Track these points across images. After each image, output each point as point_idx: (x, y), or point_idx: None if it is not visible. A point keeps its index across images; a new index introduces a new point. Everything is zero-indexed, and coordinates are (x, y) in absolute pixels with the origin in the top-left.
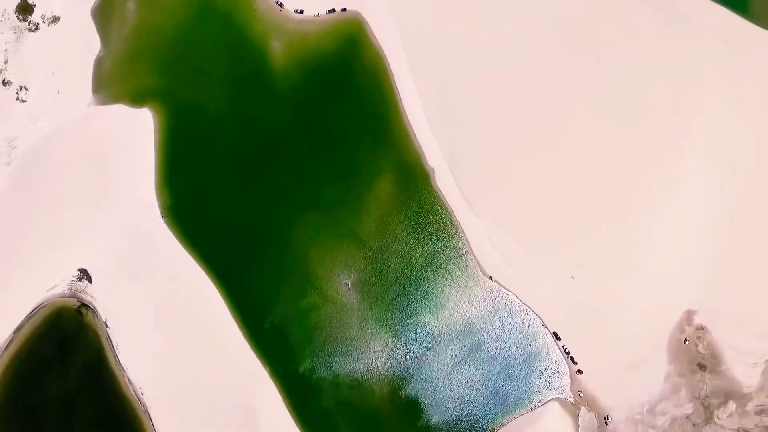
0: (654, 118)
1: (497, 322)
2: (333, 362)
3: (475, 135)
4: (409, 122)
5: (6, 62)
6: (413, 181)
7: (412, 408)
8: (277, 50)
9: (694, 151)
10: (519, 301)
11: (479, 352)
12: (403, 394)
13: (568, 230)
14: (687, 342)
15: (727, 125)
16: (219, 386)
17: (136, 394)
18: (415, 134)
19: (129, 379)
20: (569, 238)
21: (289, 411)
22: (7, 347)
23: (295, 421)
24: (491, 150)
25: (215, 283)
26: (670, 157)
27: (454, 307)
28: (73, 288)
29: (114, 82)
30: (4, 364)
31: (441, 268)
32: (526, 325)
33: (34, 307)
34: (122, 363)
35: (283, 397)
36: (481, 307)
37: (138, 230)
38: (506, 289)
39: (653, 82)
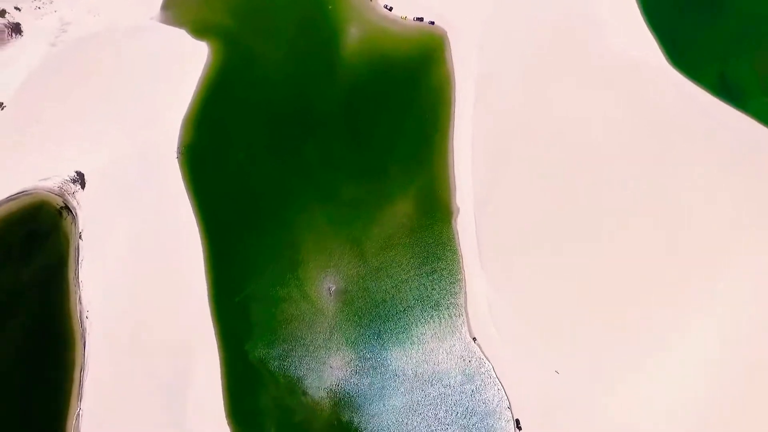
0: (695, 246)
1: (464, 387)
2: (285, 361)
3: (512, 195)
4: (453, 155)
5: None
6: (435, 213)
7: None
8: (352, 36)
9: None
10: (494, 374)
11: (435, 408)
12: (341, 419)
13: (569, 327)
14: None
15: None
16: (164, 338)
17: (80, 316)
18: (454, 168)
19: (80, 298)
20: (568, 335)
21: (222, 390)
22: None
23: (224, 403)
24: (523, 217)
25: (202, 238)
26: (695, 289)
27: (428, 353)
28: (64, 188)
29: (186, 6)
30: None
31: (430, 308)
32: (492, 402)
33: (20, 190)
34: (80, 279)
35: (222, 374)
36: (454, 365)
37: (149, 156)
38: (486, 357)
39: (709, 206)
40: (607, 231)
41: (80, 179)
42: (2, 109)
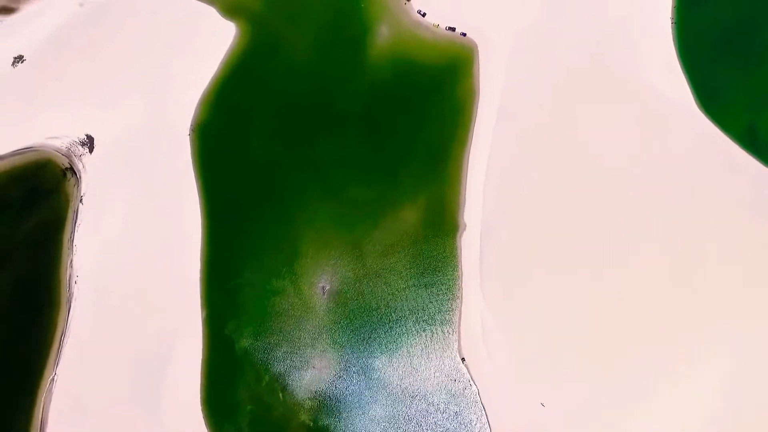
0: (703, 295)
1: (448, 407)
2: (269, 355)
3: (521, 220)
4: (467, 170)
5: None
6: (441, 226)
7: None
8: (382, 36)
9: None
10: (479, 398)
11: (415, 425)
12: (317, 422)
13: (561, 361)
14: None
15: None
16: (150, 315)
17: (69, 280)
18: (466, 183)
19: (71, 262)
20: (559, 369)
21: (201, 375)
22: None
23: (200, 388)
24: (530, 244)
25: (203, 219)
26: (695, 338)
27: (415, 367)
28: (72, 149)
29: None
30: None
31: (424, 321)
32: (474, 426)
33: (28, 145)
34: (74, 243)
35: (203, 359)
36: (440, 383)
37: (162, 129)
38: (472, 379)
39: (723, 257)
40: (615, 270)
41: (89, 143)
42: (22, 62)
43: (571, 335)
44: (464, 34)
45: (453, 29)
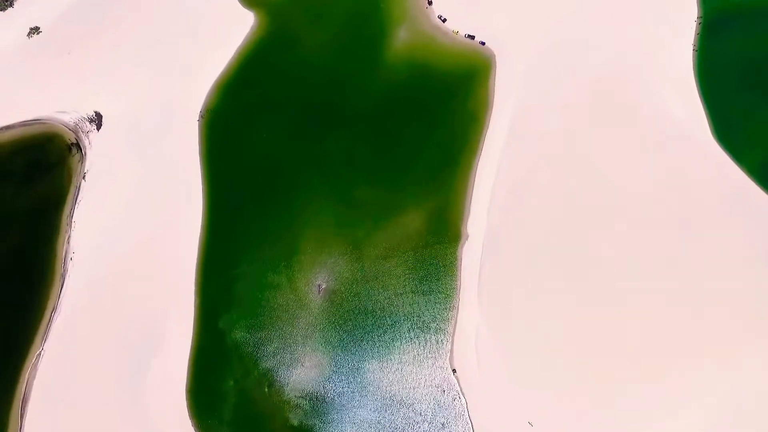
0: (702, 330)
1: (435, 418)
2: (258, 349)
3: (525, 237)
4: (474, 180)
5: None
6: (443, 234)
7: None
8: (400, 38)
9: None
10: (466, 410)
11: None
12: (300, 421)
13: (552, 382)
14: None
15: None
16: (143, 298)
17: (65, 256)
18: (472, 194)
19: (69, 238)
20: (549, 390)
21: (188, 363)
22: None
23: (187, 376)
24: (531, 261)
25: (204, 206)
26: (691, 373)
27: (406, 374)
28: (80, 125)
29: None
30: None
31: (418, 329)
32: None
33: (36, 117)
34: (74, 219)
35: (192, 347)
36: (429, 392)
37: (171, 112)
38: (461, 392)
39: (728, 294)
40: (616, 295)
41: (97, 120)
42: (38, 33)
43: (565, 358)
44: (483, 43)
45: (472, 37)
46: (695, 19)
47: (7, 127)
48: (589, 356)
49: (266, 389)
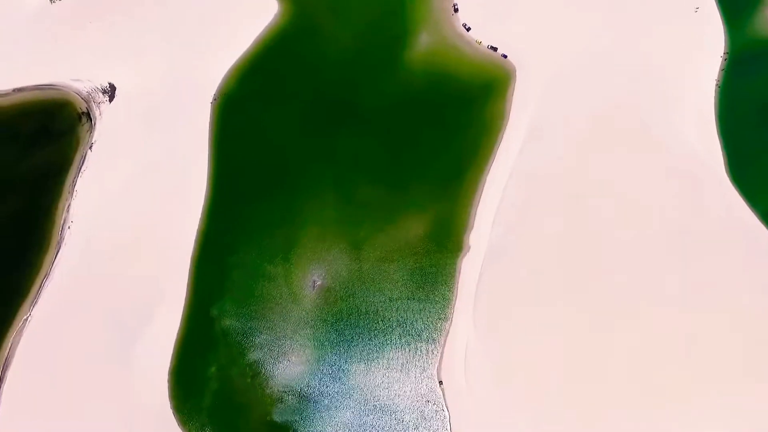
0: (702, 368)
1: (417, 428)
2: (246, 339)
3: (527, 256)
4: (482, 193)
5: None
6: (445, 243)
7: None
8: (421, 43)
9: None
10: (449, 425)
11: None
12: (281, 416)
13: (540, 405)
14: None
15: None
16: (136, 275)
17: (63, 224)
18: (478, 207)
19: (68, 207)
20: (537, 413)
21: (174, 345)
22: None
23: (171, 358)
24: (531, 281)
25: (208, 189)
26: (686, 411)
27: (392, 380)
28: (92, 94)
29: None
30: None
31: (409, 336)
32: None
33: (50, 82)
34: (76, 188)
35: (179, 330)
36: (414, 402)
37: (186, 91)
38: (445, 405)
39: (731, 335)
40: (616, 325)
41: (111, 91)
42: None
43: (555, 383)
44: (505, 56)
45: (495, 49)
46: (721, 54)
47: (20, 89)
48: (578, 384)
49: (249, 380)
